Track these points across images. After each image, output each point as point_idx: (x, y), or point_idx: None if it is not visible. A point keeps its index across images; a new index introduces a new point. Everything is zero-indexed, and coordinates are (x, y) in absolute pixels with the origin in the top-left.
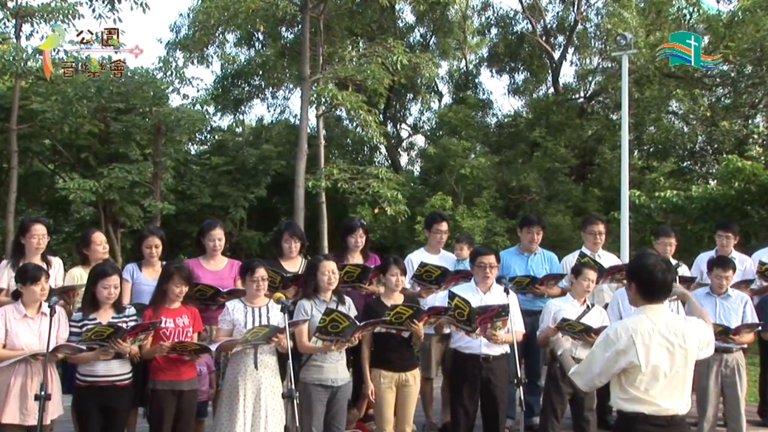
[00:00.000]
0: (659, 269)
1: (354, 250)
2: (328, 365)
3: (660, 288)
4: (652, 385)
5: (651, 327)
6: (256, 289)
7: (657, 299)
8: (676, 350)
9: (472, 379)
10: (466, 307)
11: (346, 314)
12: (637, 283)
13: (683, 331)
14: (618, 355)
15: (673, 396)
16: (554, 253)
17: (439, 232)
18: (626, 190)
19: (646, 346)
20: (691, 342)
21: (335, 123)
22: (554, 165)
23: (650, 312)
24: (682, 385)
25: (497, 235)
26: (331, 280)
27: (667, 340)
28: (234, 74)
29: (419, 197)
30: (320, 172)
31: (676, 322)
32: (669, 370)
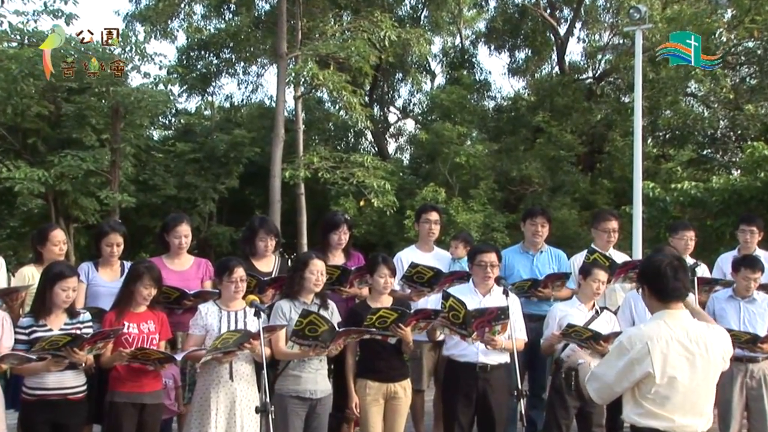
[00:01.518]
0: (671, 266)
1: (336, 248)
2: (307, 375)
3: (673, 288)
4: (668, 398)
5: (669, 334)
6: (234, 291)
7: (673, 302)
8: (697, 360)
9: (467, 391)
10: (461, 309)
11: (324, 317)
12: (649, 285)
13: (705, 340)
14: (632, 364)
15: (693, 412)
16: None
17: (427, 222)
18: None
19: (663, 355)
20: (715, 352)
21: (315, 105)
22: (559, 153)
23: (668, 317)
24: (704, 400)
25: (496, 230)
26: (318, 281)
27: (686, 349)
28: (201, 45)
29: (409, 188)
30: (299, 161)
31: (698, 329)
32: (688, 382)
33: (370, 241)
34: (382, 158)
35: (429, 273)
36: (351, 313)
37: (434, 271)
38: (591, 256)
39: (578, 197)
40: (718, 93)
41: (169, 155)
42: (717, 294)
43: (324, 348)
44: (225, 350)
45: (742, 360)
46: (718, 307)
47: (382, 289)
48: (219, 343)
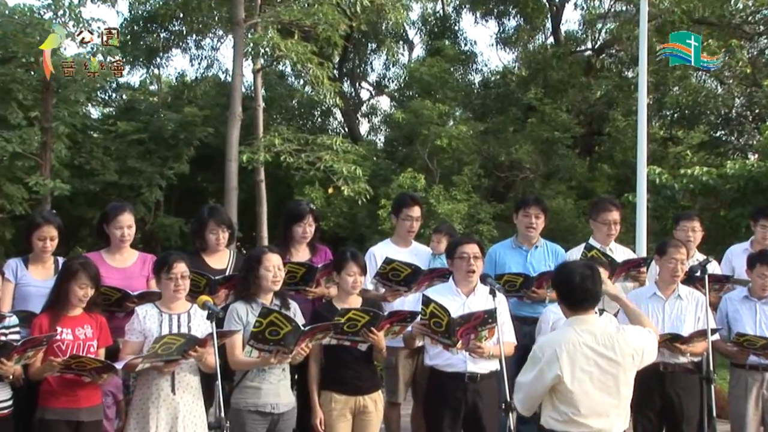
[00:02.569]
0: (579, 275)
1: (300, 241)
2: (267, 386)
3: (582, 296)
4: (580, 402)
5: (576, 339)
6: (174, 290)
7: (582, 309)
8: (605, 364)
9: (454, 404)
10: (444, 316)
11: (287, 316)
12: (559, 292)
13: (614, 343)
14: (543, 370)
15: (608, 414)
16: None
17: (409, 219)
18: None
19: (571, 360)
20: (624, 353)
21: (277, 80)
22: (553, 135)
23: (577, 323)
24: (617, 401)
25: (482, 222)
26: (276, 279)
27: (594, 352)
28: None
29: (384, 174)
30: (258, 143)
31: (607, 332)
32: (599, 384)
33: (339, 234)
34: (353, 140)
35: (406, 270)
36: (314, 315)
37: (412, 269)
38: (588, 252)
39: (575, 185)
40: (734, 67)
41: (110, 136)
42: (731, 294)
43: (287, 353)
44: (166, 358)
45: (758, 368)
46: (732, 308)
47: (351, 288)
48: (160, 348)
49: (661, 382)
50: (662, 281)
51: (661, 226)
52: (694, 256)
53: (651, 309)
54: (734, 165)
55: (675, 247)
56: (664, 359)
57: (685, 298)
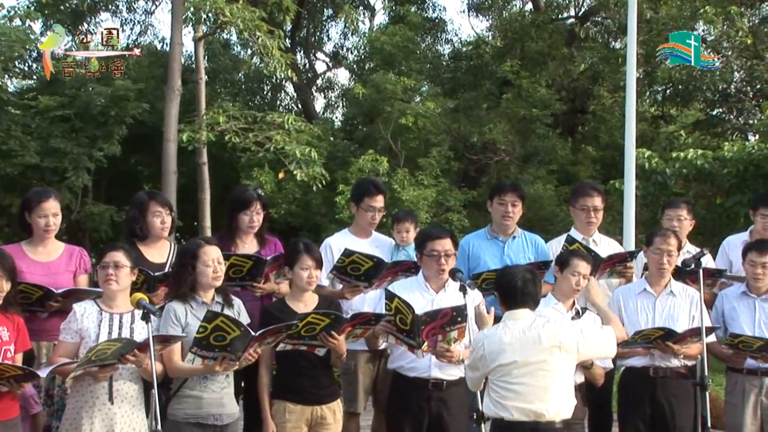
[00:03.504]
0: (519, 278)
1: (247, 232)
2: (210, 395)
3: (518, 295)
4: (509, 387)
5: (504, 330)
6: (104, 280)
7: (516, 306)
8: (530, 349)
9: (417, 413)
10: (408, 313)
11: (235, 320)
12: (499, 293)
13: (539, 331)
14: (476, 360)
15: (536, 397)
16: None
17: (371, 209)
18: (632, 148)
19: (499, 349)
20: (549, 340)
21: (222, 50)
22: (532, 112)
23: (509, 317)
24: (543, 384)
25: (451, 210)
26: (217, 274)
27: (520, 341)
28: None
29: (342, 157)
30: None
31: (535, 324)
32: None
33: (291, 223)
34: (307, 118)
35: (367, 263)
36: (264, 315)
37: (374, 261)
38: (570, 246)
39: (555, 168)
40: (733, 37)
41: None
42: (727, 291)
43: (234, 360)
44: (101, 363)
45: (756, 373)
46: (728, 306)
47: (305, 284)
48: (93, 355)
49: (651, 387)
50: (652, 276)
51: (651, 215)
52: (685, 248)
53: (641, 306)
54: (732, 147)
55: (662, 237)
56: (655, 362)
57: (678, 295)
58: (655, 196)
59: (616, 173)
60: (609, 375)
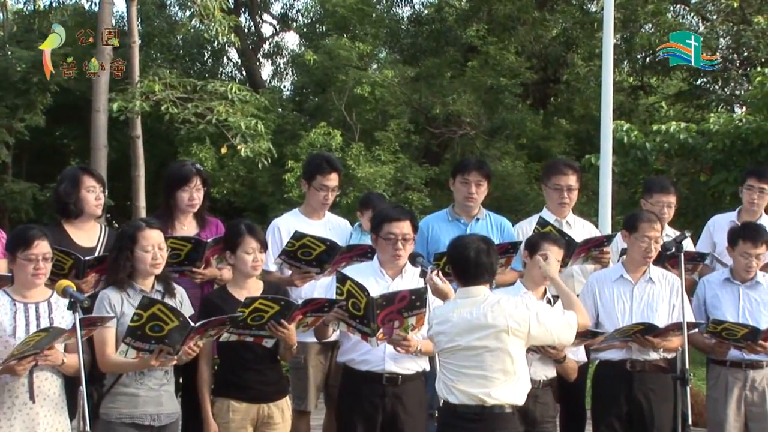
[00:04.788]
0: (472, 249)
1: (185, 211)
2: (146, 393)
3: (471, 268)
4: (455, 370)
5: (453, 308)
6: (33, 274)
7: (470, 282)
8: (474, 332)
9: (369, 411)
10: (362, 297)
11: (173, 308)
12: (453, 266)
13: (486, 312)
14: (431, 338)
15: (479, 383)
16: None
17: (324, 188)
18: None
19: (447, 330)
20: (496, 322)
21: (157, 11)
22: (499, 82)
23: (461, 294)
24: (487, 369)
25: (411, 189)
26: (156, 260)
27: (466, 322)
28: None
29: (291, 130)
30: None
31: (486, 302)
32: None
33: (234, 203)
34: (252, 87)
35: (319, 247)
36: (205, 304)
37: (327, 245)
38: (542, 228)
39: (525, 143)
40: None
41: None
42: (710, 277)
43: (172, 354)
44: (20, 356)
45: (741, 365)
46: (711, 294)
47: (249, 269)
48: (17, 350)
49: (627, 383)
50: (631, 262)
51: (630, 194)
52: (665, 230)
53: (617, 295)
54: (718, 120)
55: (648, 223)
56: (632, 355)
57: (658, 282)
58: (633, 173)
59: (591, 148)
60: (582, 369)
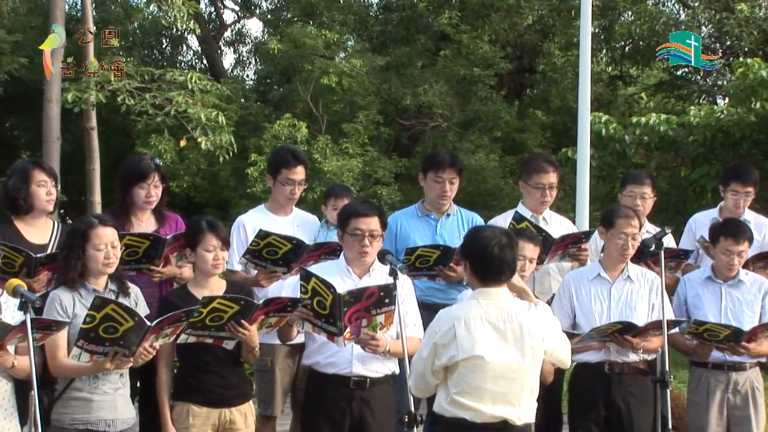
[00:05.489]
0: (496, 244)
1: (143, 208)
2: (101, 398)
3: (496, 267)
4: (476, 384)
5: (479, 313)
6: None
7: (493, 281)
8: (509, 342)
9: (336, 417)
10: (328, 294)
11: (128, 308)
12: (470, 261)
13: (521, 319)
14: (438, 348)
15: (505, 400)
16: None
17: (290, 182)
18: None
19: (469, 336)
20: (533, 333)
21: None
22: (473, 72)
23: (482, 296)
24: (519, 387)
25: (381, 184)
26: (110, 259)
27: (497, 329)
28: None
29: (254, 122)
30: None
31: (515, 308)
32: (500, 365)
33: (195, 199)
34: (213, 77)
35: (285, 246)
36: (164, 304)
37: (293, 244)
38: (518, 224)
39: (500, 136)
40: None
41: None
42: (691, 275)
43: (128, 356)
44: None
45: (723, 367)
46: (692, 293)
47: (210, 268)
48: None
49: (605, 385)
50: (608, 260)
51: (608, 189)
52: (644, 228)
53: (594, 294)
54: (699, 112)
55: (625, 218)
56: (610, 357)
57: (636, 280)
58: (612, 167)
59: (568, 141)
60: (559, 371)
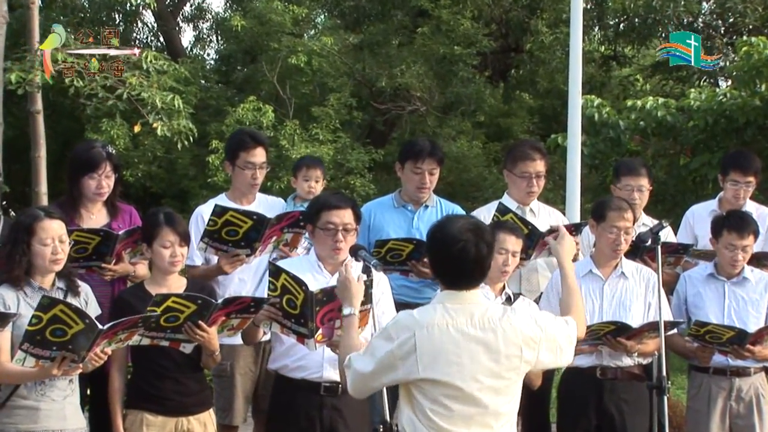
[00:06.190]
0: (464, 239)
1: (93, 199)
2: (48, 406)
3: (463, 267)
4: (444, 406)
5: (445, 321)
6: None
7: (462, 284)
8: (481, 355)
9: (305, 426)
10: (299, 292)
11: (78, 309)
12: (434, 262)
13: (495, 327)
14: (394, 359)
15: (482, 423)
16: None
17: (249, 166)
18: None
19: (433, 350)
20: (509, 341)
21: None
22: (453, 51)
23: (449, 299)
24: (496, 407)
25: (353, 173)
26: (57, 255)
27: (466, 337)
28: None
29: (216, 105)
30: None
31: (490, 312)
32: (469, 384)
33: (151, 189)
34: (171, 56)
35: (246, 223)
36: (118, 304)
37: (253, 219)
38: (502, 216)
39: (483, 121)
40: None
41: None
42: (691, 272)
43: (77, 361)
44: None
45: (725, 372)
46: (692, 291)
47: (168, 265)
48: None
49: (597, 392)
50: (600, 255)
51: (601, 178)
52: (640, 220)
53: (586, 292)
54: (700, 95)
55: (617, 211)
56: (603, 361)
57: (631, 278)
58: (605, 155)
59: (557, 127)
60: (547, 376)
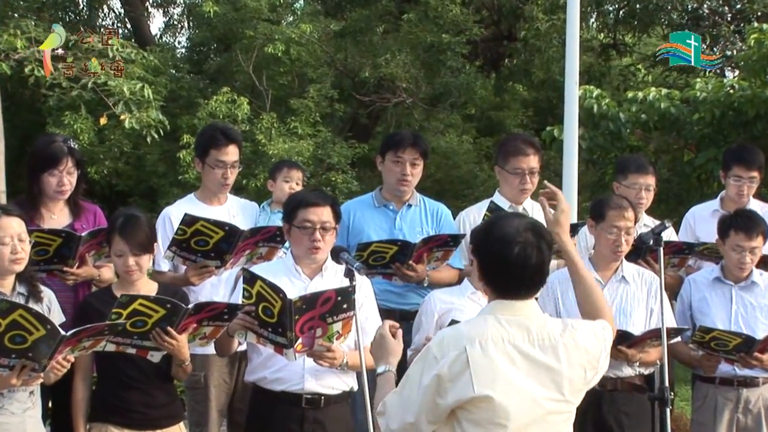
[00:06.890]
0: (522, 240)
1: (54, 198)
2: (7, 420)
3: (520, 272)
4: (497, 427)
5: (500, 335)
6: None
7: (515, 291)
8: (541, 375)
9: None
10: (276, 300)
11: (39, 314)
12: (481, 261)
13: (557, 345)
14: (442, 382)
15: None
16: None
17: (220, 165)
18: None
19: (490, 366)
20: (572, 362)
21: None
22: (442, 39)
23: (501, 310)
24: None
25: (335, 170)
26: (17, 255)
27: (524, 357)
28: None
29: (187, 97)
30: None
31: (547, 330)
32: (528, 405)
33: (117, 187)
34: (139, 44)
35: (216, 233)
36: (82, 309)
37: (224, 230)
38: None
39: (474, 113)
40: None
41: None
42: (697, 276)
43: (38, 370)
44: None
45: (732, 383)
46: (698, 296)
47: (124, 275)
48: None
49: (596, 404)
50: (599, 257)
51: (599, 174)
52: (641, 221)
53: None
54: (706, 86)
55: (617, 210)
56: None
57: (633, 282)
58: (604, 150)
59: (553, 120)
60: None
